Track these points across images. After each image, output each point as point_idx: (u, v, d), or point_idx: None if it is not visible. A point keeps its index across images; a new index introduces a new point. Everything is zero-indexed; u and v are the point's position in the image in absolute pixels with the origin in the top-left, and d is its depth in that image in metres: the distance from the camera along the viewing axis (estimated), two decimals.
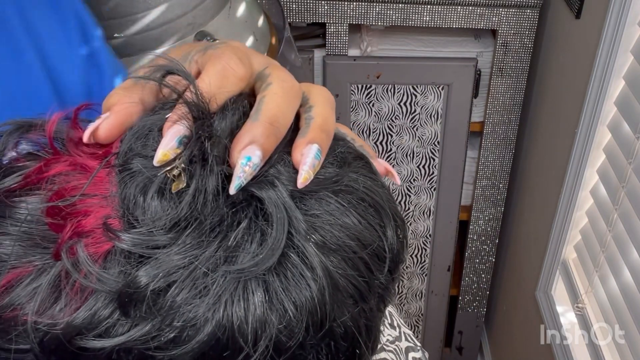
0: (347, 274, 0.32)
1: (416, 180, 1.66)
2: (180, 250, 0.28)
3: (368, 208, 0.34)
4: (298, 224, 0.30)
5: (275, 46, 1.07)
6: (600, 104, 1.16)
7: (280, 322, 0.29)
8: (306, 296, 0.30)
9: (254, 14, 1.03)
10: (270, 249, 0.29)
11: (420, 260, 1.80)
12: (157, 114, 0.33)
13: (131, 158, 0.31)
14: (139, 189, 0.30)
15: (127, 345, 0.28)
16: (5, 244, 0.30)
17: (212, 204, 0.30)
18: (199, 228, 0.29)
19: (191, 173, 0.30)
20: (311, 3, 1.40)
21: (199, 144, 0.31)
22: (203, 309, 0.28)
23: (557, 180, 1.38)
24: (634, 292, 1.07)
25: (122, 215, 0.30)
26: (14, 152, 0.33)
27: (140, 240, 0.28)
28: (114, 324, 0.29)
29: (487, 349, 2.07)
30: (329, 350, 0.32)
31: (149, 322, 0.28)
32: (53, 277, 0.29)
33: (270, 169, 0.31)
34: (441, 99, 1.53)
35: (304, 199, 0.31)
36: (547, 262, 1.44)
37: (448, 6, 1.41)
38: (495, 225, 1.77)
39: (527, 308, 1.61)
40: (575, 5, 1.28)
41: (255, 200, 0.30)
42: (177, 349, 0.28)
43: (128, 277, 0.28)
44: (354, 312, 0.32)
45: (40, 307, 0.29)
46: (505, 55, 1.48)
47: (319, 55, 1.50)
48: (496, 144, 1.62)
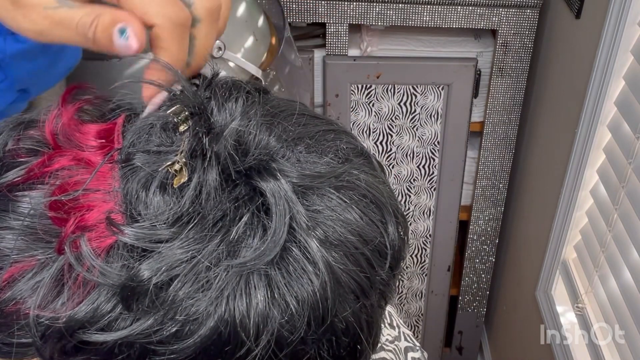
0: (348, 270, 0.32)
1: (416, 180, 1.66)
2: (183, 245, 0.29)
3: (370, 204, 0.34)
4: (300, 218, 0.30)
5: (275, 46, 1.07)
6: (600, 104, 1.16)
7: (282, 317, 0.29)
8: (308, 291, 0.30)
9: (254, 14, 1.03)
10: (271, 242, 0.29)
11: (420, 260, 1.80)
12: (159, 111, 0.33)
13: (133, 153, 0.31)
14: (142, 183, 0.30)
15: (129, 339, 0.28)
16: (8, 238, 0.30)
17: (214, 199, 0.30)
18: (202, 222, 0.29)
19: (192, 167, 0.30)
20: (311, 3, 1.40)
21: (198, 138, 0.31)
22: (205, 303, 0.28)
23: (557, 180, 1.38)
24: (634, 292, 1.07)
25: (125, 209, 0.30)
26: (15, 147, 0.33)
27: (143, 234, 0.29)
28: (116, 318, 0.29)
29: (487, 349, 2.07)
30: (330, 345, 0.32)
31: (151, 316, 0.28)
32: (56, 271, 0.29)
33: (273, 162, 0.31)
34: (441, 99, 1.53)
35: (306, 195, 0.32)
36: (547, 262, 1.44)
37: (448, 6, 1.41)
38: (495, 225, 1.77)
39: (527, 308, 1.61)
40: (575, 5, 1.28)
41: (258, 194, 0.31)
42: (179, 343, 0.28)
43: (131, 271, 0.28)
44: (355, 308, 0.32)
45: (43, 301, 0.29)
46: (505, 55, 1.48)
47: (319, 55, 1.50)
48: (496, 144, 1.62)
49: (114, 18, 0.31)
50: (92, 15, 0.32)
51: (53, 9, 0.32)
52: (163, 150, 0.31)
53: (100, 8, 0.32)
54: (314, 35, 1.53)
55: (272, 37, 1.08)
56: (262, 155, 0.31)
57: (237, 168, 0.30)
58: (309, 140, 0.34)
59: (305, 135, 0.34)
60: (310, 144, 0.34)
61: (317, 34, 1.53)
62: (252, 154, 0.31)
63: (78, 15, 0.32)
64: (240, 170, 0.31)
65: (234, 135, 0.31)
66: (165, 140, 0.32)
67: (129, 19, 0.31)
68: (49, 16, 0.32)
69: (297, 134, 0.34)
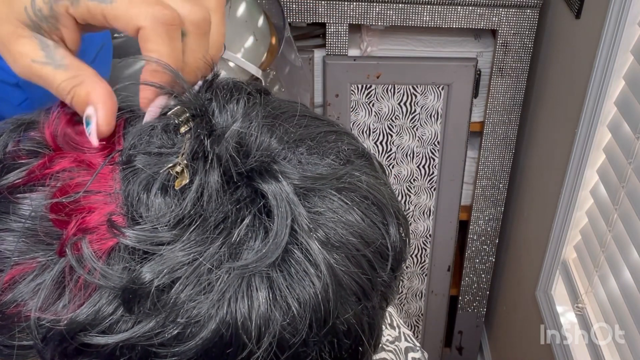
0: (350, 272, 0.32)
1: (416, 180, 1.66)
2: (185, 247, 0.28)
3: (371, 206, 0.34)
4: (302, 220, 0.30)
5: (275, 46, 1.07)
6: (600, 104, 1.16)
7: (284, 319, 0.29)
8: (310, 293, 0.30)
9: (254, 14, 1.03)
10: (273, 244, 0.29)
11: (420, 260, 1.80)
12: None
13: (135, 155, 0.31)
14: (143, 185, 0.30)
15: (131, 342, 0.28)
16: (9, 240, 0.30)
17: (216, 201, 0.30)
18: (203, 225, 0.29)
19: (194, 169, 0.30)
20: (311, 3, 1.40)
21: (199, 140, 0.31)
22: (207, 305, 0.28)
23: (557, 180, 1.38)
24: (634, 292, 1.07)
25: (126, 212, 0.30)
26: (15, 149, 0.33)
27: (144, 236, 0.28)
28: (118, 321, 0.29)
29: (487, 349, 2.07)
30: (332, 347, 0.32)
31: (152, 319, 0.28)
32: (57, 273, 0.29)
33: (275, 164, 0.31)
34: (441, 99, 1.53)
35: (308, 197, 0.32)
36: (547, 262, 1.44)
37: (448, 6, 1.41)
38: (495, 225, 1.77)
39: (527, 308, 1.61)
40: (575, 5, 1.28)
41: (260, 196, 0.30)
42: (181, 346, 0.28)
43: (132, 274, 0.28)
44: (357, 310, 0.32)
45: (44, 303, 0.29)
46: (505, 55, 1.48)
47: (319, 55, 1.50)
48: (496, 144, 1.62)
49: (87, 97, 0.32)
50: (71, 84, 0.32)
51: (40, 64, 0.33)
52: (164, 152, 0.31)
53: (82, 74, 0.33)
54: (314, 35, 1.53)
55: (272, 37, 1.08)
56: (263, 157, 0.31)
57: (239, 170, 0.30)
58: (310, 142, 0.34)
59: (306, 137, 0.34)
60: (312, 145, 0.34)
61: (317, 34, 1.53)
62: (254, 156, 0.31)
63: (59, 80, 0.32)
64: (241, 172, 0.31)
65: (235, 137, 0.31)
66: (167, 142, 0.32)
67: (100, 102, 0.32)
68: (34, 69, 0.33)
69: (298, 136, 0.34)
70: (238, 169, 0.30)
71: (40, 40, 0.33)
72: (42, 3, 0.32)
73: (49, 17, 0.32)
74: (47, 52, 0.33)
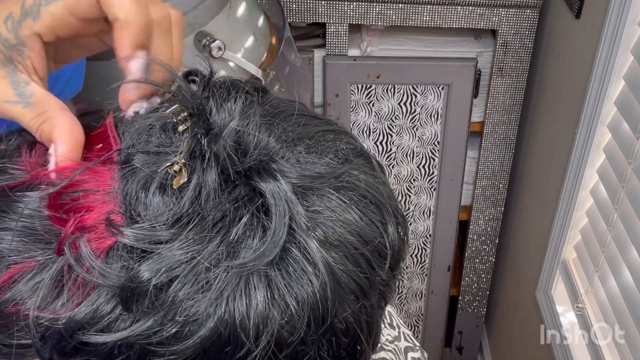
0: (348, 270, 0.32)
1: (416, 180, 1.66)
2: (183, 246, 0.28)
3: (369, 205, 0.34)
4: (300, 218, 0.30)
5: (275, 46, 1.07)
6: (600, 104, 1.16)
7: (282, 318, 0.29)
8: (308, 292, 0.30)
9: (254, 14, 1.03)
10: (271, 242, 0.29)
11: (420, 260, 1.80)
12: (158, 112, 0.33)
13: (133, 154, 0.31)
14: (141, 184, 0.30)
15: (129, 341, 0.28)
16: (7, 239, 0.30)
17: (214, 199, 0.30)
18: (201, 223, 0.29)
19: (192, 168, 0.30)
20: (311, 3, 1.40)
21: (197, 139, 0.31)
22: (205, 304, 0.28)
23: (557, 181, 1.38)
24: (634, 292, 1.07)
25: (125, 210, 0.30)
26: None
27: (142, 235, 0.28)
28: (116, 319, 0.29)
29: (487, 349, 2.06)
30: (330, 346, 0.32)
31: (151, 317, 0.28)
32: (55, 272, 0.29)
33: (273, 162, 0.31)
34: (441, 99, 1.53)
35: (306, 195, 0.32)
36: (547, 262, 1.44)
37: (448, 6, 1.41)
38: (495, 225, 1.77)
39: (527, 308, 1.61)
40: (575, 5, 1.28)
41: (258, 195, 0.30)
42: (179, 344, 0.28)
43: (130, 272, 0.28)
44: (355, 308, 0.32)
45: (42, 302, 0.29)
46: (505, 55, 1.48)
47: (319, 55, 1.50)
48: (496, 144, 1.62)
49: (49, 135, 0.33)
50: (38, 121, 0.33)
51: (11, 104, 0.34)
52: (162, 151, 0.31)
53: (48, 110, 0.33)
54: (314, 35, 1.53)
55: (272, 37, 1.07)
56: (261, 155, 0.31)
57: (237, 169, 0.30)
58: (308, 141, 0.34)
59: (304, 136, 0.34)
60: (310, 144, 0.34)
61: (317, 34, 1.53)
62: (252, 155, 0.31)
63: (27, 118, 0.34)
64: (239, 171, 0.31)
65: (233, 135, 0.31)
66: (165, 141, 0.32)
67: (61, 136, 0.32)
68: (6, 110, 0.34)
69: (296, 135, 0.34)
70: (236, 168, 0.30)
71: (12, 79, 0.34)
72: (7, 32, 0.33)
73: (17, 45, 0.33)
74: (17, 90, 0.34)
